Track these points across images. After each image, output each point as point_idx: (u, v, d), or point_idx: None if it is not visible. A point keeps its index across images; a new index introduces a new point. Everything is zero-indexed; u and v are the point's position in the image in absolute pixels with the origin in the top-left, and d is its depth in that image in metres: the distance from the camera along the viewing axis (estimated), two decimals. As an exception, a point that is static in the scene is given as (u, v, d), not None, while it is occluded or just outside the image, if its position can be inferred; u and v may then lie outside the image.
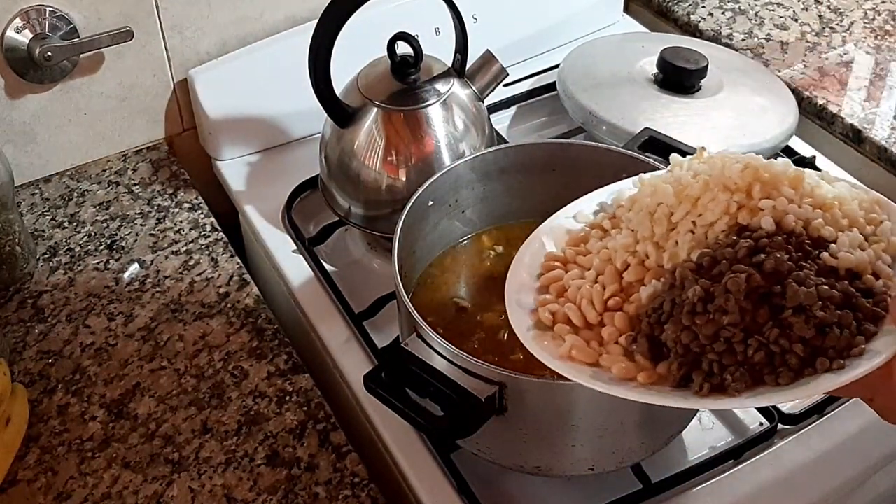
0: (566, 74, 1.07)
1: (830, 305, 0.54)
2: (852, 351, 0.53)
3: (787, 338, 0.54)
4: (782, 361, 0.54)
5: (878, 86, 1.11)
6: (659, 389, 0.56)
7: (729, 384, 0.54)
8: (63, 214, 1.00)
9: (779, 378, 0.53)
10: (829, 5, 1.24)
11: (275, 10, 1.06)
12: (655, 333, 0.58)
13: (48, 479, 0.76)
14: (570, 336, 0.60)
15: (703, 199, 0.61)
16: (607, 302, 0.62)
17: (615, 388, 0.57)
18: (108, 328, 0.88)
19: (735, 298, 0.54)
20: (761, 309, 0.54)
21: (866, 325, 0.54)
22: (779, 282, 0.55)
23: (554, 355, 0.59)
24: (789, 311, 0.54)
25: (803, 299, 0.54)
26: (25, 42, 0.95)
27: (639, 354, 0.58)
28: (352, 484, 0.75)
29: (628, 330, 0.60)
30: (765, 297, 0.55)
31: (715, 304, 0.55)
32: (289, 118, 1.06)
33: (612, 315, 0.61)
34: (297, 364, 0.84)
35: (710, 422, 0.80)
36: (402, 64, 0.89)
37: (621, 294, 0.62)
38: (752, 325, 0.54)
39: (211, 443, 0.78)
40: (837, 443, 0.78)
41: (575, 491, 0.75)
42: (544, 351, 0.60)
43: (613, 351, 0.59)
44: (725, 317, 0.54)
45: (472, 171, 0.82)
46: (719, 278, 0.56)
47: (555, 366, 0.58)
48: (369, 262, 0.96)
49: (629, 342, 0.59)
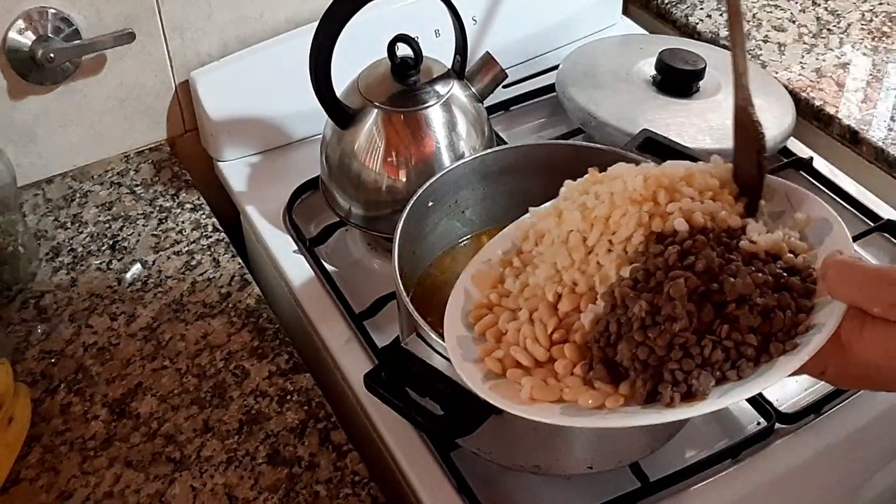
0: (565, 76, 1.08)
1: (767, 290, 0.55)
2: (798, 329, 0.54)
3: (737, 331, 0.55)
4: (738, 354, 0.55)
5: (875, 87, 1.11)
6: (631, 410, 0.55)
7: (696, 389, 0.54)
8: (65, 215, 1.00)
9: (740, 372, 0.54)
10: (826, 7, 1.24)
11: (276, 12, 1.06)
12: (609, 356, 0.57)
13: (50, 478, 0.76)
14: (525, 379, 0.58)
15: (613, 217, 0.61)
16: (551, 336, 0.60)
17: (589, 419, 0.56)
18: (111, 328, 0.88)
19: (680, 304, 0.55)
20: (705, 308, 0.55)
21: (802, 301, 0.56)
22: (714, 279, 0.56)
23: (517, 401, 0.58)
24: (731, 304, 0.55)
25: (742, 289, 0.55)
26: (28, 44, 0.95)
27: (598, 381, 0.57)
28: (352, 483, 0.76)
29: (580, 359, 0.58)
30: (704, 295, 0.56)
31: (663, 314, 0.55)
32: (290, 119, 1.06)
33: (561, 348, 0.59)
34: (297, 363, 0.85)
35: (708, 421, 0.80)
36: (402, 65, 0.89)
37: (561, 325, 0.61)
38: (701, 325, 0.55)
39: (212, 442, 0.78)
40: (835, 442, 0.78)
41: (574, 490, 0.75)
42: (507, 399, 0.58)
43: (573, 383, 0.58)
44: (676, 324, 0.55)
45: (471, 172, 0.82)
46: (659, 289, 0.56)
47: (521, 412, 0.57)
48: (369, 263, 0.96)
49: (585, 371, 0.58)
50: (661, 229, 0.60)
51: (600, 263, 0.61)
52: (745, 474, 0.76)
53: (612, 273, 0.60)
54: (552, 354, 0.60)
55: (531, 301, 0.63)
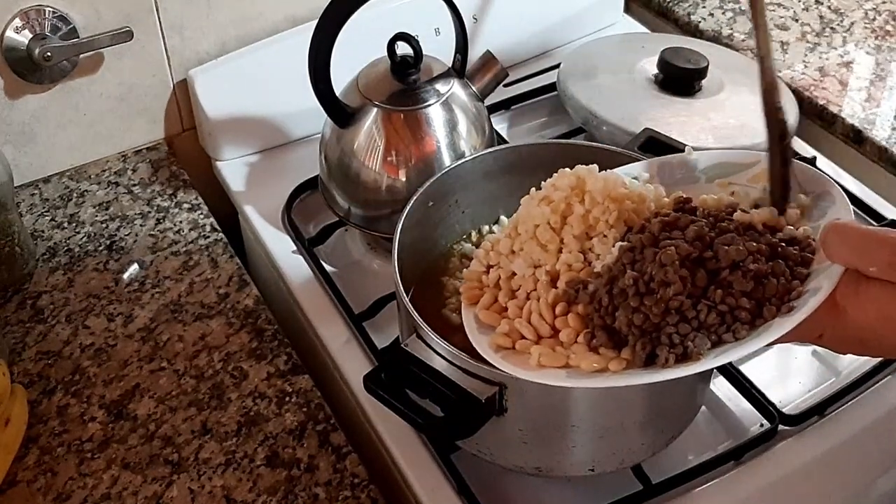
0: (566, 75, 1.07)
1: (761, 257, 0.58)
2: (791, 295, 0.57)
3: (731, 296, 0.57)
4: (733, 318, 0.57)
5: (878, 86, 1.11)
6: (631, 371, 0.58)
7: (692, 351, 0.57)
8: (63, 215, 1.00)
9: (736, 333, 0.57)
10: (829, 6, 1.24)
11: (274, 10, 1.06)
12: (609, 323, 0.60)
13: (48, 479, 0.76)
14: (534, 347, 0.62)
15: (594, 213, 0.65)
16: (554, 309, 0.63)
17: (591, 380, 0.59)
18: (108, 329, 0.88)
19: (672, 269, 0.57)
20: (698, 273, 0.58)
21: (798, 269, 0.58)
22: (708, 247, 0.59)
23: (527, 368, 0.61)
24: (725, 270, 0.58)
25: (735, 256, 0.57)
26: (25, 42, 0.95)
27: (601, 347, 0.60)
28: (352, 485, 0.75)
29: (583, 328, 0.61)
30: (698, 262, 0.58)
31: (657, 281, 0.58)
32: (289, 118, 1.06)
33: (564, 318, 0.62)
34: (296, 365, 0.84)
35: (710, 423, 0.80)
36: (402, 64, 0.89)
37: (562, 298, 0.63)
38: (695, 290, 0.58)
39: (210, 443, 0.78)
40: (838, 444, 0.78)
41: (575, 492, 0.75)
42: (518, 367, 0.61)
43: (578, 350, 0.61)
44: (669, 289, 0.57)
45: (472, 171, 0.82)
46: (652, 258, 0.59)
47: (530, 376, 0.60)
48: (369, 263, 0.96)
49: (588, 339, 0.61)
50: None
51: (594, 251, 0.64)
52: (747, 476, 0.76)
53: (606, 256, 0.63)
54: (556, 326, 0.62)
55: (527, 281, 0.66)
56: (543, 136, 1.09)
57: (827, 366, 0.84)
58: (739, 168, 0.68)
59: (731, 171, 0.69)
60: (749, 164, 0.68)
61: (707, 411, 0.80)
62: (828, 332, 0.55)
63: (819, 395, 0.80)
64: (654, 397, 0.69)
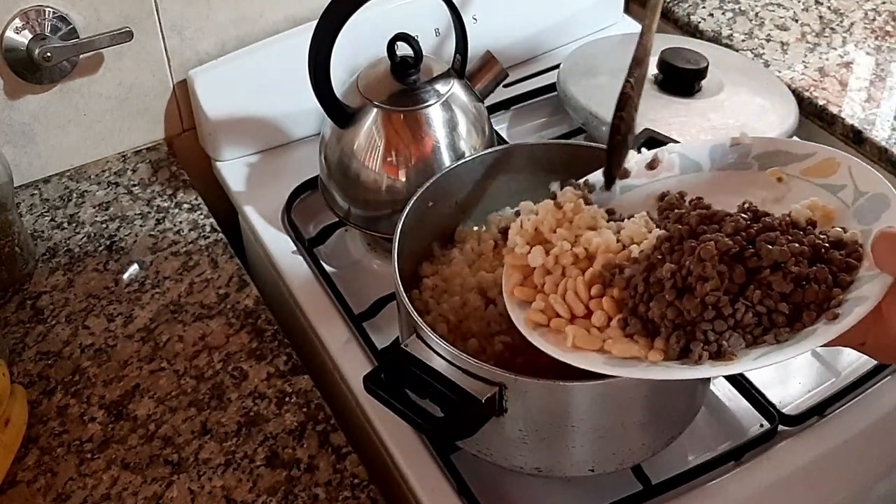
0: (566, 75, 1.07)
1: (803, 260, 0.57)
2: (831, 303, 0.56)
3: (769, 297, 0.56)
4: (770, 321, 0.56)
5: (878, 86, 1.11)
6: (668, 364, 0.58)
7: (726, 349, 0.56)
8: (62, 215, 1.00)
9: (777, 336, 0.56)
10: (829, 6, 1.24)
11: (274, 11, 1.06)
12: (643, 311, 0.60)
13: (47, 480, 0.76)
14: (570, 327, 0.62)
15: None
16: (589, 290, 0.63)
17: (628, 370, 0.58)
18: (108, 329, 0.88)
19: (711, 264, 0.57)
20: (736, 269, 0.57)
21: (842, 275, 0.57)
22: (750, 243, 0.58)
23: (563, 349, 0.61)
24: (766, 270, 0.57)
25: (778, 256, 0.57)
26: (25, 42, 0.95)
27: (636, 335, 0.60)
28: (351, 485, 0.75)
29: (617, 313, 0.61)
30: (737, 257, 0.58)
31: (694, 275, 0.57)
32: (288, 119, 1.06)
33: (599, 301, 0.62)
34: (296, 365, 0.84)
35: (710, 423, 0.80)
36: (401, 64, 0.89)
37: (597, 280, 0.63)
38: (732, 286, 0.57)
39: (210, 444, 0.78)
40: (838, 444, 0.78)
41: (575, 492, 0.75)
42: (554, 346, 0.61)
43: (614, 335, 0.60)
44: (707, 284, 0.57)
45: (472, 171, 0.82)
46: (691, 251, 0.58)
47: (569, 359, 0.60)
48: (369, 263, 0.96)
49: (622, 325, 0.61)
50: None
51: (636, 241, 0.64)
52: (747, 477, 0.75)
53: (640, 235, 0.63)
54: (590, 307, 0.62)
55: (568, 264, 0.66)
56: (543, 136, 1.09)
57: (827, 366, 0.84)
58: (794, 158, 0.67)
59: (784, 161, 0.68)
60: (804, 155, 0.67)
61: (707, 411, 0.80)
62: (870, 341, 0.55)
63: (819, 396, 0.80)
64: (654, 397, 0.69)
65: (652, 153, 0.73)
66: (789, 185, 0.66)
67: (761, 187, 0.68)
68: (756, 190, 0.67)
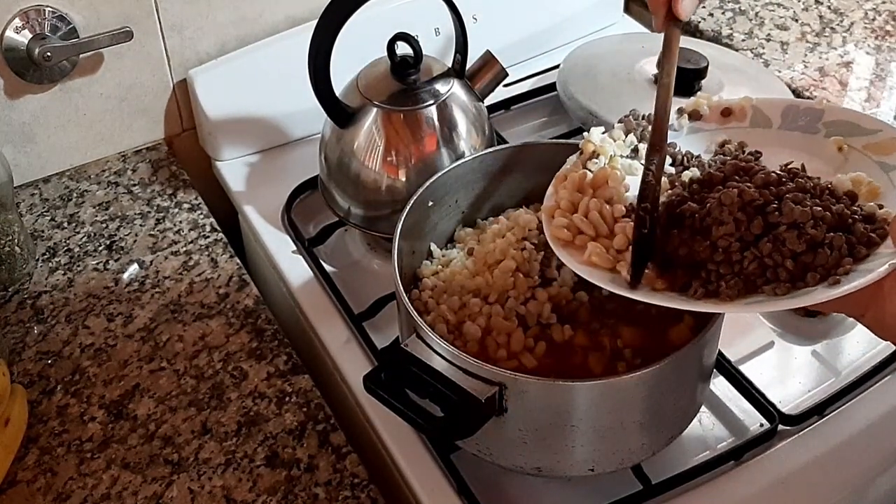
0: (566, 75, 1.07)
1: (822, 224, 0.58)
2: (839, 270, 0.57)
3: (779, 252, 0.58)
4: (774, 275, 0.58)
5: (878, 86, 1.11)
6: (664, 293, 0.61)
7: (722, 291, 0.58)
8: (62, 215, 1.00)
9: (776, 289, 0.57)
10: (829, 6, 1.24)
11: (274, 10, 1.06)
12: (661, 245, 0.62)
13: (47, 479, 0.76)
14: (591, 244, 0.64)
15: None
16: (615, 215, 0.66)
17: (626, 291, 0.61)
18: (108, 329, 0.88)
19: (729, 210, 0.59)
20: (755, 220, 0.59)
21: (858, 247, 0.58)
22: (777, 199, 0.59)
23: (578, 262, 0.64)
24: (783, 226, 0.58)
25: (798, 216, 0.58)
26: (25, 42, 0.95)
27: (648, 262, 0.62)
28: (351, 485, 0.75)
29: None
30: (759, 210, 0.59)
31: (712, 216, 0.59)
32: (288, 118, 1.06)
33: (623, 225, 0.65)
34: (296, 365, 0.84)
35: (710, 423, 0.80)
36: (401, 64, 0.89)
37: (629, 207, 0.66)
38: (748, 234, 0.59)
39: (210, 444, 0.78)
40: (838, 444, 0.78)
41: (575, 492, 0.75)
42: (571, 258, 0.64)
43: (628, 258, 0.63)
44: (721, 227, 0.59)
45: (472, 171, 0.82)
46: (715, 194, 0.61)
47: (579, 270, 0.64)
48: (369, 263, 0.96)
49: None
50: None
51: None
52: (747, 476, 0.75)
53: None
54: (614, 230, 0.66)
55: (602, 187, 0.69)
56: (543, 136, 1.09)
57: (827, 366, 0.84)
58: (861, 132, 0.68)
59: (851, 132, 0.69)
60: (872, 130, 0.68)
61: (707, 411, 0.80)
62: (869, 314, 0.57)
63: (819, 395, 0.80)
64: (654, 396, 0.69)
65: (728, 101, 0.75)
66: (847, 157, 0.67)
67: (820, 153, 0.69)
68: (815, 155, 0.68)
